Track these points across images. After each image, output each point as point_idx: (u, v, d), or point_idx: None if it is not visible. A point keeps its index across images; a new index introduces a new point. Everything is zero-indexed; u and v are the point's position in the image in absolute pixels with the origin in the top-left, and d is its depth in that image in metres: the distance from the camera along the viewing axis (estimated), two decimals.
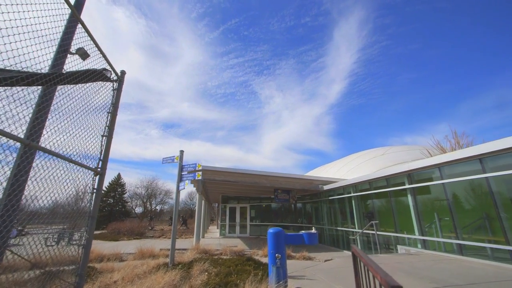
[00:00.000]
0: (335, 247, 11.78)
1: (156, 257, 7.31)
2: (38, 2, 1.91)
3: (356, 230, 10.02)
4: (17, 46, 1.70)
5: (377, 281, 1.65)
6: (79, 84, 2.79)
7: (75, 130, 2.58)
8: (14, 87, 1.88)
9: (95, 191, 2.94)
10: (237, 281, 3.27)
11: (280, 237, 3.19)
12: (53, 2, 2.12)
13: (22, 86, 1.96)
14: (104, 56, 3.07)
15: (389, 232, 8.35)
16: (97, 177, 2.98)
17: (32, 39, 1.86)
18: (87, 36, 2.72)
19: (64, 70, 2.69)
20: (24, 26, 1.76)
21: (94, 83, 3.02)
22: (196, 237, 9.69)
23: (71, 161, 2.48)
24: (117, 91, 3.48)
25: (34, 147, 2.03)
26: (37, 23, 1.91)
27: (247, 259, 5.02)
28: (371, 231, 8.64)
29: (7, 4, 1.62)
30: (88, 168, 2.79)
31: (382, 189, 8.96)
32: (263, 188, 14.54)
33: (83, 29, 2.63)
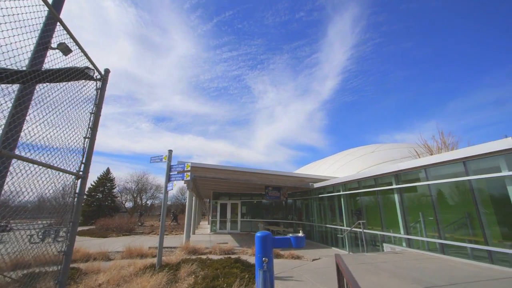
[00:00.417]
0: (324, 244, 12.01)
1: (145, 256, 7.24)
2: None
3: (344, 228, 10.23)
4: None
5: None
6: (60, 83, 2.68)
7: (55, 132, 2.47)
8: None
9: (77, 195, 2.84)
10: (224, 285, 3.27)
11: (268, 241, 3.18)
12: None
13: None
14: (85, 55, 2.92)
15: (376, 230, 8.56)
16: (79, 181, 2.88)
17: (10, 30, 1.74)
18: (69, 34, 2.58)
19: (43, 67, 2.56)
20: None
21: (76, 82, 2.90)
22: (186, 235, 9.66)
23: (50, 167, 2.37)
24: (101, 90, 3.33)
25: (5, 155, 1.91)
26: (15, 14, 1.79)
27: (235, 260, 5.03)
28: (359, 229, 8.84)
29: None
30: (69, 172, 2.68)
31: (370, 188, 9.14)
32: (254, 185, 14.59)
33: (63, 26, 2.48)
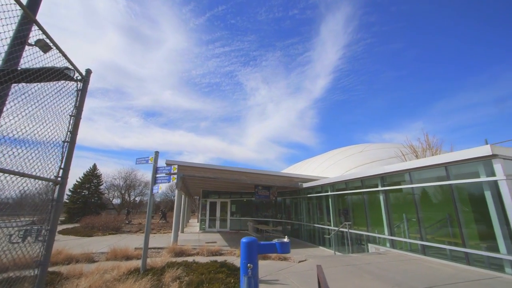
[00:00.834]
0: (311, 242, 12.20)
1: (130, 258, 7.12)
2: None
3: (331, 227, 10.42)
4: None
5: None
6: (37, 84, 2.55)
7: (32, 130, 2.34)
8: None
9: (54, 202, 2.73)
10: None
11: (253, 247, 3.16)
12: None
13: None
14: (64, 55, 2.78)
15: (362, 231, 8.76)
16: (57, 187, 2.76)
17: None
18: (46, 34, 2.45)
19: (19, 66, 2.43)
20: None
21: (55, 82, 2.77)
22: (174, 235, 9.55)
23: (24, 175, 2.25)
24: (82, 92, 3.18)
25: None
26: None
27: (221, 265, 5.03)
28: (345, 229, 9.03)
29: None
30: (46, 180, 2.57)
31: (357, 189, 9.32)
32: (244, 184, 14.58)
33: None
